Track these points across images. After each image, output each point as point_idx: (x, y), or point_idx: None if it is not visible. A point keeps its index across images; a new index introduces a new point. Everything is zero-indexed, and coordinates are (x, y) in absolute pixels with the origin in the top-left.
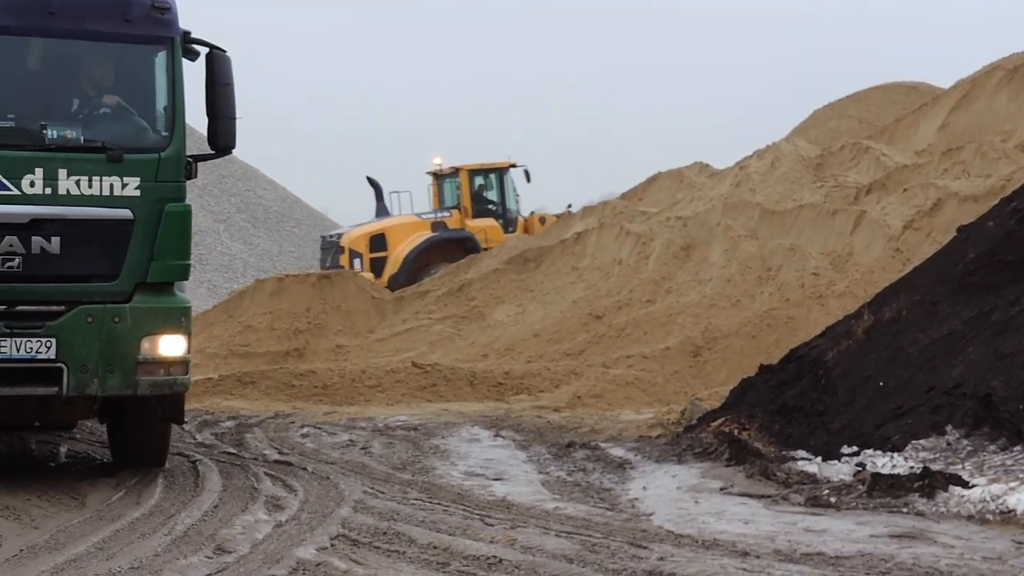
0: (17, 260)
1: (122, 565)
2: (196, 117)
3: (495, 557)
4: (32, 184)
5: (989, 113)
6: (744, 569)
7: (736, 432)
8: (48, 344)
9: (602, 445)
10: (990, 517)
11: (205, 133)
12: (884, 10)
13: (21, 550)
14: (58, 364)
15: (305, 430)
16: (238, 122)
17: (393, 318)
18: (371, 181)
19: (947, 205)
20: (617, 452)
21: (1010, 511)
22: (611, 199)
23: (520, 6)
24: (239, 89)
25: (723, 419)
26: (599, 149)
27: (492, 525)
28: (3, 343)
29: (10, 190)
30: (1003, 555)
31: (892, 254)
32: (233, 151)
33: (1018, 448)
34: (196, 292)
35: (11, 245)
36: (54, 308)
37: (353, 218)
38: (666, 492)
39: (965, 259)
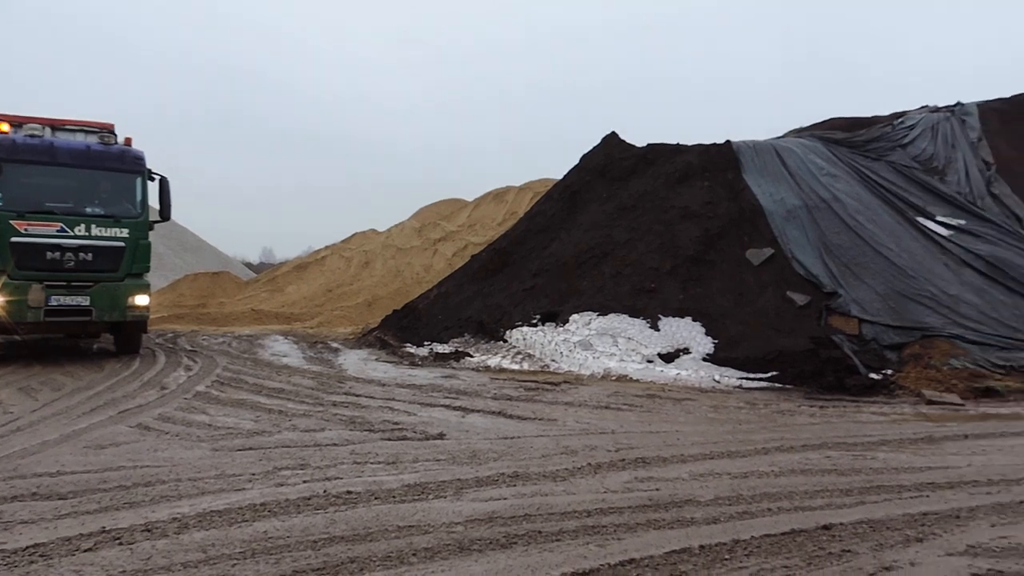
0: (74, 263)
1: (118, 395)
2: (154, 202)
3: (282, 388)
4: (79, 231)
5: (487, 211)
6: (382, 387)
7: (383, 337)
8: (86, 298)
9: (329, 342)
10: (481, 369)
11: (158, 208)
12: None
13: (73, 389)
14: (90, 307)
15: (204, 338)
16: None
17: (244, 290)
18: None
19: (469, 248)
20: (335, 345)
21: (487, 367)
22: (336, 242)
23: None
24: (173, 185)
25: (378, 331)
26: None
27: (281, 374)
28: (67, 297)
29: (70, 232)
30: (484, 383)
31: (447, 266)
32: (169, 219)
33: (492, 342)
34: (152, 277)
35: (71, 256)
36: (89, 283)
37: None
38: (354, 360)
39: (475, 267)
